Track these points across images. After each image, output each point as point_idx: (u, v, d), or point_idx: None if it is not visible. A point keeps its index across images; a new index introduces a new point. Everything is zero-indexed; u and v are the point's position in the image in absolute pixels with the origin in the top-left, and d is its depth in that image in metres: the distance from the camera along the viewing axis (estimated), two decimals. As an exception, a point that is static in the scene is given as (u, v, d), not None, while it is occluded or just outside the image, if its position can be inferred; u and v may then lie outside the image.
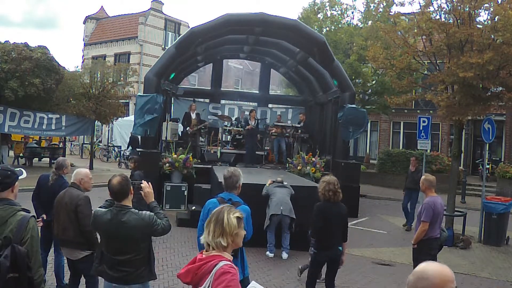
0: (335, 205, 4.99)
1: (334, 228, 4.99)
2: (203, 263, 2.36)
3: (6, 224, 2.75)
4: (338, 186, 5.02)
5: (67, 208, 4.33)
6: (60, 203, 4.42)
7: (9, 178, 2.95)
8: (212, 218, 2.50)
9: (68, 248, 4.42)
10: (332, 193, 4.96)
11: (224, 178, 4.19)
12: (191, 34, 12.07)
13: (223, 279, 2.23)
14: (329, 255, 5.03)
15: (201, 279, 2.32)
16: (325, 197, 5.00)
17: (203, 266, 2.35)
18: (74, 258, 4.42)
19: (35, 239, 2.79)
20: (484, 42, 9.17)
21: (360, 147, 26.26)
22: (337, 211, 5.00)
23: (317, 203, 5.11)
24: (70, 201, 4.35)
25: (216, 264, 2.31)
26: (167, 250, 7.75)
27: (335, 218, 4.99)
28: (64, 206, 4.35)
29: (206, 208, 4.12)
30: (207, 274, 2.30)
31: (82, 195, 4.47)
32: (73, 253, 4.39)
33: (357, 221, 11.64)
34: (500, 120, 20.86)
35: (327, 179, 5.08)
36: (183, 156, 11.47)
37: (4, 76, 14.49)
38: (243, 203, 4.13)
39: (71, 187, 4.54)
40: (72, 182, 4.60)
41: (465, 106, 9.68)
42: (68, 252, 4.47)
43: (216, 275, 2.26)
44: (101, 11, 34.59)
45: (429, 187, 5.65)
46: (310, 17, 19.55)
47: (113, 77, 19.48)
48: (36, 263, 2.76)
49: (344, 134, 12.94)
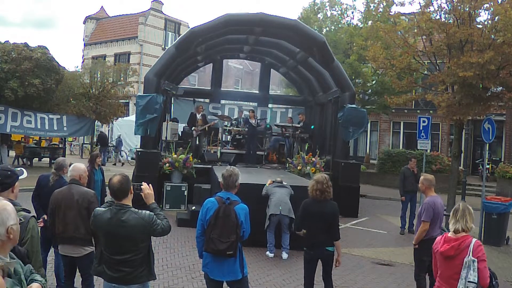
0: (320, 203, 4.89)
1: (317, 227, 4.89)
2: (461, 241, 3.59)
3: None
4: (327, 185, 4.91)
5: (79, 205, 4.28)
6: (68, 200, 4.34)
7: (10, 178, 2.95)
8: (464, 209, 3.73)
9: (73, 245, 4.38)
10: (320, 192, 4.88)
11: (224, 177, 4.19)
12: (191, 34, 12.07)
13: (480, 249, 3.53)
14: (316, 254, 4.97)
15: (462, 251, 3.55)
16: (312, 196, 4.95)
17: (461, 243, 3.57)
18: (77, 255, 4.39)
19: (35, 239, 2.79)
20: (484, 42, 9.17)
21: (360, 147, 26.26)
22: (321, 210, 4.90)
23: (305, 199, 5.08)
24: (82, 198, 4.30)
25: (471, 241, 3.58)
26: (167, 250, 7.75)
27: (318, 216, 4.88)
28: (75, 205, 4.28)
29: (204, 207, 4.13)
30: (466, 248, 3.54)
31: (92, 192, 4.49)
32: (78, 250, 4.37)
33: (357, 221, 11.64)
34: (500, 120, 20.87)
35: (317, 178, 5.00)
36: (183, 156, 11.47)
37: (4, 76, 14.49)
38: (241, 202, 4.14)
39: (73, 184, 4.50)
40: (72, 178, 4.56)
41: (465, 106, 9.70)
42: (71, 249, 4.42)
43: (474, 246, 3.53)
44: (101, 11, 34.60)
45: (429, 187, 5.65)
46: (310, 17, 19.57)
47: (113, 77, 19.45)
48: (36, 263, 2.76)
49: (344, 134, 12.93)
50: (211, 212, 4.04)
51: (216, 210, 4.03)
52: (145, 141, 11.90)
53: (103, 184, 7.44)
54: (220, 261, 4.03)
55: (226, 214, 4.01)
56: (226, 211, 4.02)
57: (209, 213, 4.05)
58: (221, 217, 4.00)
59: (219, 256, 4.00)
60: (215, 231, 3.98)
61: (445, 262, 3.68)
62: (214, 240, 3.96)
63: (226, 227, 3.98)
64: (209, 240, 3.99)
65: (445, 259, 3.67)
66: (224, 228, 3.97)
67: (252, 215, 4.29)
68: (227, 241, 3.96)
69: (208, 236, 4.01)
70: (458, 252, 3.57)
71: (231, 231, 3.98)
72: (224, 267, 4.04)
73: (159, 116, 11.83)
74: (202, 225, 4.10)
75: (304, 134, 14.42)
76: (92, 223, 3.52)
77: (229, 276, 4.07)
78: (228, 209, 4.02)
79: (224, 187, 4.19)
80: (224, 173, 4.21)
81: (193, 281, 6.25)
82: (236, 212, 4.02)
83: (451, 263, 3.62)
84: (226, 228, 3.97)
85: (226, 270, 4.05)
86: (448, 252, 3.61)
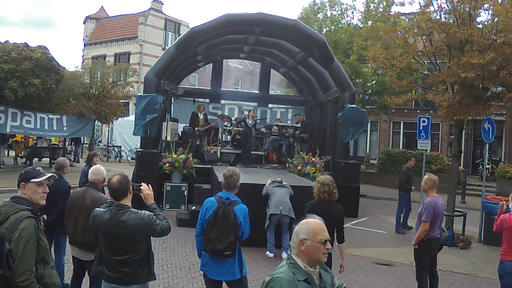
0: (327, 206, 4.85)
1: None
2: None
3: (7, 221, 2.77)
4: (333, 186, 4.90)
5: (89, 210, 4.14)
6: (81, 203, 4.31)
7: (20, 176, 2.97)
8: None
9: (82, 249, 4.36)
10: (327, 195, 4.84)
11: (225, 177, 4.19)
12: (191, 34, 12.07)
13: None
14: None
15: None
16: (319, 198, 4.90)
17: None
18: (85, 259, 4.37)
19: (23, 240, 2.68)
20: (484, 42, 9.16)
21: (360, 147, 26.26)
22: (327, 212, 4.88)
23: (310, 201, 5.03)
24: (93, 204, 4.17)
25: None
26: (167, 250, 7.75)
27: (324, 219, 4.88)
28: (86, 209, 4.22)
29: (204, 207, 4.13)
30: None
31: (105, 197, 4.33)
32: (86, 255, 4.33)
33: (357, 221, 11.64)
34: (500, 120, 20.87)
35: (322, 180, 4.95)
36: (183, 156, 11.47)
37: (4, 76, 14.48)
38: (241, 203, 4.13)
39: (90, 187, 4.47)
40: (91, 181, 4.51)
41: (465, 106, 9.68)
42: (80, 253, 4.41)
43: None
44: (101, 11, 34.61)
45: (431, 187, 5.62)
46: (310, 17, 19.55)
47: (113, 77, 19.47)
48: (20, 265, 2.65)
49: (344, 135, 12.92)
50: (210, 211, 4.04)
51: (215, 210, 4.03)
52: (145, 141, 11.89)
53: None
54: (218, 261, 4.02)
55: (225, 214, 4.01)
56: (225, 212, 4.01)
57: (208, 212, 4.06)
58: (220, 217, 4.00)
59: (218, 256, 4.00)
60: (213, 231, 3.98)
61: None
62: (213, 240, 3.97)
63: (224, 227, 3.97)
64: (208, 240, 3.99)
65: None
66: (222, 228, 3.97)
67: (252, 215, 4.29)
68: (226, 241, 3.95)
69: (207, 236, 4.01)
70: None
71: (229, 231, 3.97)
72: (222, 267, 4.04)
73: (159, 116, 11.82)
74: (202, 224, 4.10)
75: (303, 134, 14.43)
76: (91, 223, 3.51)
77: (227, 276, 4.07)
78: (227, 210, 4.02)
79: (225, 187, 4.19)
80: (225, 173, 4.20)
81: (193, 281, 6.25)
82: (235, 213, 4.01)
83: None
84: (225, 229, 3.97)
85: (225, 270, 4.05)
86: None
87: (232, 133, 14.46)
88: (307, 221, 2.51)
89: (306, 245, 2.38)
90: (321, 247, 2.42)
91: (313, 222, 2.51)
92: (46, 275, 2.84)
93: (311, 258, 2.39)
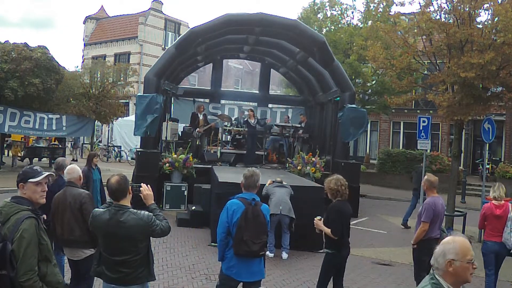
0: (347, 204, 4.89)
1: (347, 227, 4.91)
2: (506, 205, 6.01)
3: (8, 221, 2.79)
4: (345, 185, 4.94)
5: (72, 207, 4.31)
6: (63, 203, 4.38)
7: (18, 177, 2.97)
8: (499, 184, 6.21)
9: (72, 248, 4.38)
10: (345, 188, 4.84)
11: (245, 177, 4.15)
12: (191, 34, 12.07)
13: None
14: (345, 255, 4.95)
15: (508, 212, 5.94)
16: (338, 194, 4.81)
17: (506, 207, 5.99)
18: (77, 258, 4.38)
19: (25, 240, 2.71)
20: (484, 42, 9.16)
21: (360, 147, 26.26)
22: (349, 210, 4.93)
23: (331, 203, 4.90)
24: (74, 200, 4.33)
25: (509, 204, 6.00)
26: (167, 250, 7.74)
27: (349, 217, 4.93)
28: (68, 206, 4.31)
29: (229, 209, 4.03)
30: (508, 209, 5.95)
31: (85, 192, 4.49)
32: (77, 253, 4.36)
33: (357, 221, 11.63)
34: (500, 120, 20.86)
35: (335, 177, 4.94)
36: (183, 156, 11.47)
37: (4, 76, 14.47)
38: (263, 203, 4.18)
39: (69, 186, 4.53)
40: (68, 180, 4.59)
41: (465, 106, 9.68)
42: (71, 252, 4.43)
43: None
44: (101, 11, 34.60)
45: (430, 188, 5.64)
46: (310, 17, 19.54)
47: (113, 77, 19.44)
48: (23, 265, 2.68)
49: (344, 135, 12.92)
50: (238, 214, 3.97)
51: (244, 211, 3.97)
52: (145, 141, 11.89)
53: (101, 183, 7.47)
54: (248, 262, 3.98)
55: (255, 215, 3.98)
56: (255, 212, 3.99)
57: (236, 215, 3.97)
58: (250, 218, 3.96)
59: (252, 258, 3.97)
60: (246, 233, 3.91)
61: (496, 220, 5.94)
62: (248, 242, 3.89)
63: (257, 228, 3.95)
64: (241, 242, 3.90)
65: (497, 218, 5.94)
66: (255, 229, 3.94)
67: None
68: (260, 241, 3.94)
69: (239, 239, 3.92)
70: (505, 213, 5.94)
71: (261, 231, 3.98)
72: (253, 268, 4.01)
73: (159, 116, 11.82)
74: (228, 227, 4.00)
75: (305, 134, 14.43)
76: (91, 224, 3.51)
77: (257, 276, 4.05)
78: (256, 210, 4.00)
79: (245, 187, 4.16)
80: (245, 173, 4.18)
81: (193, 281, 6.25)
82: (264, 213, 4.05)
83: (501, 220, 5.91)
84: (257, 229, 3.95)
85: (255, 270, 4.03)
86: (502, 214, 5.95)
87: (232, 133, 14.45)
88: (453, 240, 2.33)
89: (454, 266, 2.25)
90: (469, 267, 2.29)
91: (460, 241, 2.33)
92: (49, 273, 2.88)
93: (459, 279, 2.28)
